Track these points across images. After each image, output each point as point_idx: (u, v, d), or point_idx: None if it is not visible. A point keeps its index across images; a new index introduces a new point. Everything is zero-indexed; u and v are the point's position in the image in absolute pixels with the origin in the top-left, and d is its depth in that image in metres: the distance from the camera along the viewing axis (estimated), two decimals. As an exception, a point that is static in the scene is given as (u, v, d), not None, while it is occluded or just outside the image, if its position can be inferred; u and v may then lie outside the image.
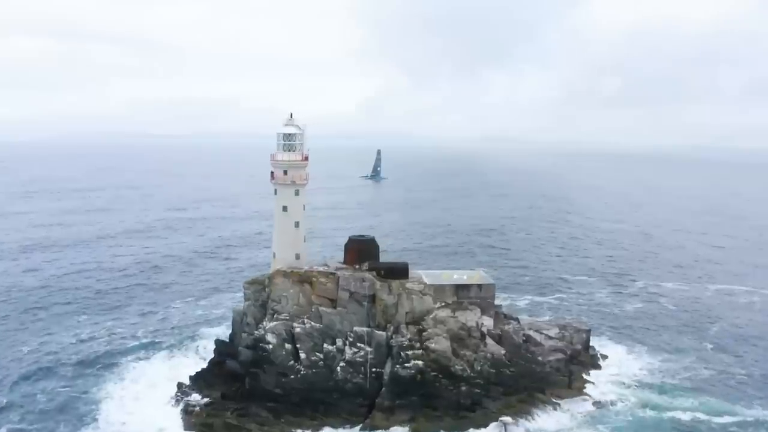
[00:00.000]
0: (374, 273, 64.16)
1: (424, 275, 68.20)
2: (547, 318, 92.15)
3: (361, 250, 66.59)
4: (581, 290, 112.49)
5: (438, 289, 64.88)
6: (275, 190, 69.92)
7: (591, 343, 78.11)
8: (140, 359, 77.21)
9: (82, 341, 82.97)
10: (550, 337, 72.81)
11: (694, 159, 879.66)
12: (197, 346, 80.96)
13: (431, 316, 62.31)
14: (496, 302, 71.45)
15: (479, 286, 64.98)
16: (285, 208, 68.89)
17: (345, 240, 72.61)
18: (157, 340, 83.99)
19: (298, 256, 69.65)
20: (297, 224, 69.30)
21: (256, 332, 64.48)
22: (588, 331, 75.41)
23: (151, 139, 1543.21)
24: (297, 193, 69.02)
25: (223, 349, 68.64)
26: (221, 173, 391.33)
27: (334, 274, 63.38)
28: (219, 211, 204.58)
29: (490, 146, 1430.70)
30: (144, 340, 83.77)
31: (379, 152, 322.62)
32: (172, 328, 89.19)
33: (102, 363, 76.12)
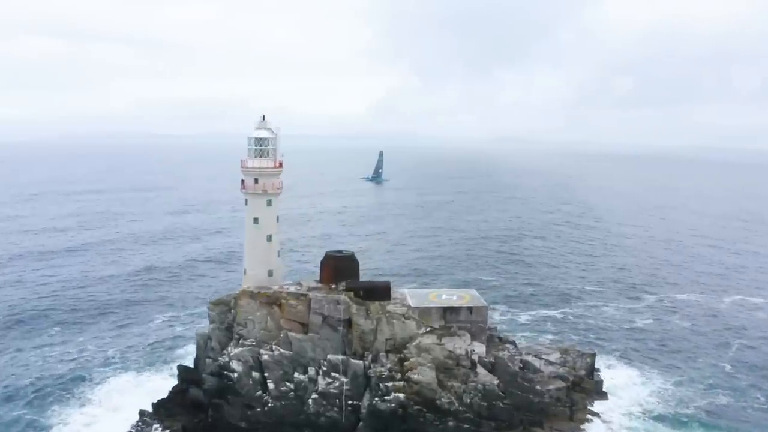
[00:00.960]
0: (352, 293, 57.47)
1: (409, 295, 61.29)
2: (548, 340, 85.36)
3: (337, 267, 59.73)
4: (589, 303, 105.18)
5: (423, 312, 57.99)
6: (246, 201, 63.54)
7: (598, 365, 71.20)
8: (108, 380, 71.56)
9: (50, 359, 77.38)
10: (551, 363, 65.79)
11: (711, 160, 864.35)
12: (172, 367, 74.90)
13: (414, 343, 55.32)
14: (495, 316, 64.66)
15: (469, 308, 57.98)
16: (256, 220, 62.26)
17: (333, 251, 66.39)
18: (129, 359, 78.09)
19: (270, 273, 63.10)
20: (269, 238, 62.63)
21: (220, 358, 58.02)
22: (593, 356, 68.31)
23: (158, 139, 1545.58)
24: (269, 203, 62.34)
25: (186, 375, 62.20)
26: (227, 175, 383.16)
27: (306, 295, 56.58)
28: (220, 216, 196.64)
29: (501, 147, 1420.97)
30: (114, 360, 77.89)
31: (381, 153, 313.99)
32: (149, 345, 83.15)
33: (66, 384, 70.82)
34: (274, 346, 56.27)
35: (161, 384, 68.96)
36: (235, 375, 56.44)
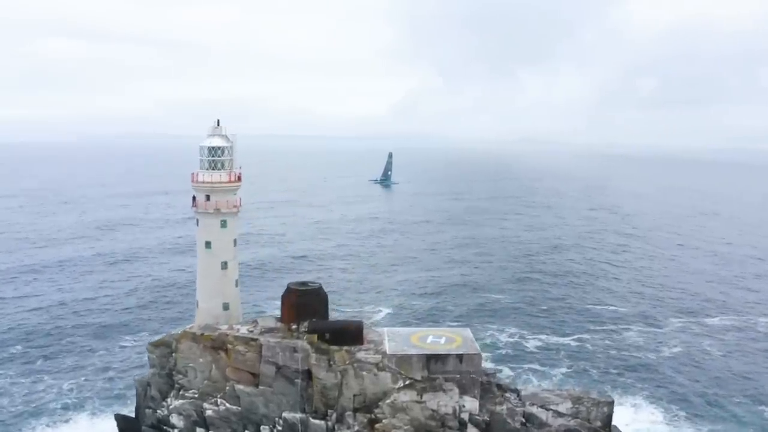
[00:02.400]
0: (316, 337, 47.25)
1: (388, 336, 50.54)
2: (560, 374, 74.78)
3: (300, 304, 49.12)
4: (610, 326, 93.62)
5: (402, 361, 47.10)
6: (197, 221, 54.01)
7: (620, 404, 60.83)
8: (56, 423, 62.58)
9: (-4, 395, 68.46)
10: (560, 414, 54.91)
11: (739, 162, 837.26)
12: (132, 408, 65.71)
13: (389, 401, 44.81)
14: (501, 338, 54.10)
15: (459, 356, 47.37)
16: (208, 245, 52.23)
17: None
18: (83, 397, 68.89)
19: (226, 307, 53.25)
20: (224, 265, 52.67)
21: (159, 411, 48.54)
22: (610, 404, 57.32)
23: (180, 139, 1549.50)
24: (224, 224, 52.32)
25: (125, 426, 52.64)
26: (247, 179, 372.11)
27: (256, 340, 46.69)
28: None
29: (521, 148, 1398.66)
30: (68, 397, 68.64)
31: (390, 155, 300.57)
32: (108, 379, 73.80)
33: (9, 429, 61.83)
34: (219, 400, 46.48)
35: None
36: (176, 431, 46.98)
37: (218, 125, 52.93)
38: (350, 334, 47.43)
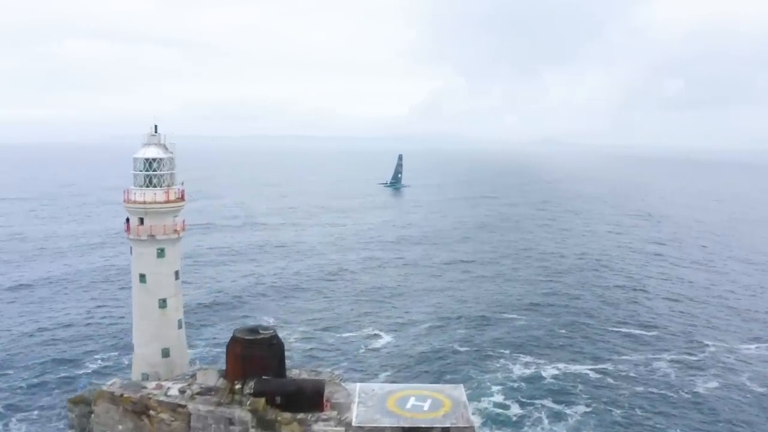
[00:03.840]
0: (264, 400, 37.62)
1: (359, 397, 40.71)
2: (576, 415, 64.04)
3: (247, 357, 39.67)
4: (636, 356, 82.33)
5: (371, 433, 37.45)
6: (130, 248, 44.68)
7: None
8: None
9: None
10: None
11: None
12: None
13: (351, 487, 35.44)
14: (514, 369, 43.67)
15: (445, 430, 37.39)
16: (143, 278, 43.20)
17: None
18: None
19: (167, 353, 43.93)
20: (163, 303, 43.35)
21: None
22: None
23: (204, 140, 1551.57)
24: (161, 253, 43.00)
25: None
26: (270, 180, 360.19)
27: (185, 407, 37.23)
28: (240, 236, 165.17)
29: (544, 149, 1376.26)
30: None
31: (400, 157, 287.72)
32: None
33: None
34: (142, 479, 37.22)
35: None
36: None
37: (156, 131, 43.33)
38: (307, 398, 37.51)
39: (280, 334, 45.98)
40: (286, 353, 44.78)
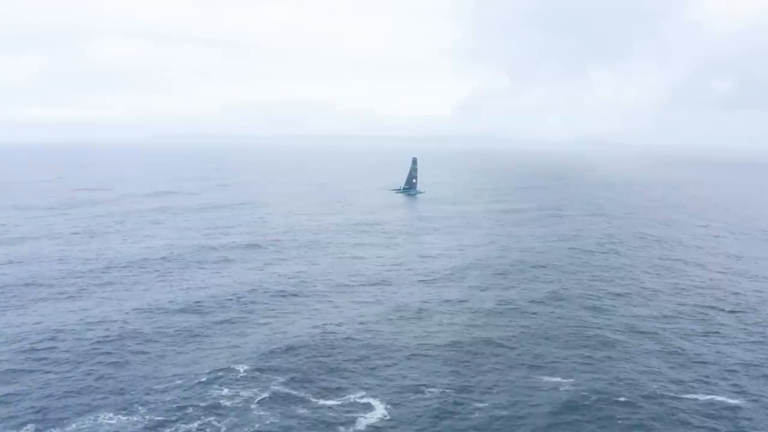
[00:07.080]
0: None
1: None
2: None
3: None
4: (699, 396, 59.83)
5: None
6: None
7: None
8: None
9: None
10: None
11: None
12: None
13: None
14: None
15: None
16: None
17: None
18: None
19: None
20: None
21: None
22: None
23: (244, 140, 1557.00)
24: None
25: None
26: (311, 178, 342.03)
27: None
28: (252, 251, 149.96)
29: (585, 150, 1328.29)
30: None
31: (414, 161, 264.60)
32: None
33: None
34: None
35: None
36: None
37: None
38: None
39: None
40: None
